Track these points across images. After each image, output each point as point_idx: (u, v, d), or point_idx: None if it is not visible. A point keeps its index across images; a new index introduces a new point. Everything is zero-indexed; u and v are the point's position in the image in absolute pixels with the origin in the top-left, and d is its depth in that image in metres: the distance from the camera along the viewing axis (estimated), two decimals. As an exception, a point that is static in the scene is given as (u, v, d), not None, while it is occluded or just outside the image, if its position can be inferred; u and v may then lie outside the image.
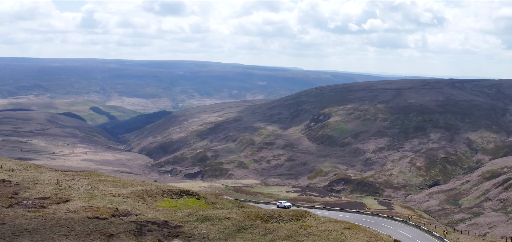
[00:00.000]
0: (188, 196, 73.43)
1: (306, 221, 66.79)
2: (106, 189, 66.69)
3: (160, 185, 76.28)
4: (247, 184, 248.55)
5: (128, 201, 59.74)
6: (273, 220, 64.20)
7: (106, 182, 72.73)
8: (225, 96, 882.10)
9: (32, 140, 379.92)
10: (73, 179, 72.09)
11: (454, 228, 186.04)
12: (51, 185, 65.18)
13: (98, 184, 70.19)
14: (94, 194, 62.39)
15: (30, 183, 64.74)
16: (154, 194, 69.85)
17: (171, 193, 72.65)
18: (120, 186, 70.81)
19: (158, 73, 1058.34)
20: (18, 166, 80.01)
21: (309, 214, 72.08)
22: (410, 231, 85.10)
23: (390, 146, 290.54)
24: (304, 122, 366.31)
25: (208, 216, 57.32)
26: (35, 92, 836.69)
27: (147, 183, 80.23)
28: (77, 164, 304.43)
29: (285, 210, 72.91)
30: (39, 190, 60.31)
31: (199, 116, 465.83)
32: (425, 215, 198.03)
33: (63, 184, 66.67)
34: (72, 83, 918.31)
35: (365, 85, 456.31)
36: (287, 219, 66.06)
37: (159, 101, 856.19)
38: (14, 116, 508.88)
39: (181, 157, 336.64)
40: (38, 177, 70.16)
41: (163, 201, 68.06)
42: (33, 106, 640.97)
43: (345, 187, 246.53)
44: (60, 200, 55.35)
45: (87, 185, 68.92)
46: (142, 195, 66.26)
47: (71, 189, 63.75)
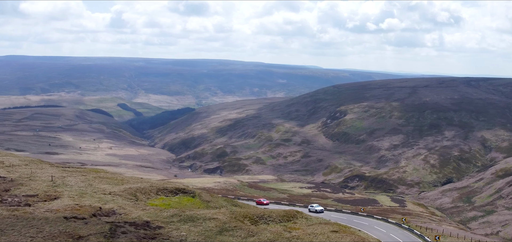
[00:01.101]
0: (183, 194, 69.83)
1: (297, 223, 63.18)
2: (99, 187, 63.79)
3: (155, 183, 72.86)
4: (263, 179, 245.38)
5: (117, 200, 56.65)
6: (262, 221, 60.94)
7: (102, 179, 69.84)
8: (247, 93, 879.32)
9: (60, 135, 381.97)
10: (70, 175, 69.48)
11: (467, 226, 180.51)
12: (46, 182, 62.53)
13: (93, 181, 67.29)
14: (85, 191, 59.50)
15: (25, 180, 62.19)
16: (149, 192, 66.51)
17: (166, 191, 69.09)
18: (115, 184, 67.74)
19: (183, 71, 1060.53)
20: (20, 162, 77.70)
21: (302, 215, 68.36)
22: (402, 235, 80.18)
23: (405, 144, 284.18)
24: (321, 119, 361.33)
25: (193, 216, 54.23)
26: (66, 89, 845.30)
27: (144, 180, 76.87)
28: (101, 158, 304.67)
29: (276, 211, 68.59)
30: (31, 187, 57.75)
31: (220, 113, 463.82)
32: (438, 213, 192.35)
33: (58, 181, 64.00)
34: (101, 81, 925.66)
35: (381, 83, 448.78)
36: (278, 220, 62.65)
37: (183, 98, 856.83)
38: (45, 112, 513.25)
39: (201, 152, 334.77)
40: (36, 173, 67.70)
41: (157, 199, 64.66)
42: (63, 103, 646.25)
43: (359, 184, 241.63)
44: (48, 198, 52.79)
45: (82, 182, 66.13)
46: (135, 193, 63.04)
47: (64, 186, 60.99)
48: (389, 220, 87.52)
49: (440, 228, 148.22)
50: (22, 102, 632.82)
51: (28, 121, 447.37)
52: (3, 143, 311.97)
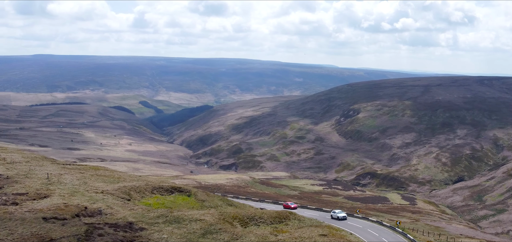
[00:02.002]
0: (179, 193, 66.81)
1: (288, 224, 59.92)
2: (93, 185, 61.19)
3: (151, 181, 69.67)
4: (277, 176, 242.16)
5: (107, 199, 54.06)
6: (252, 223, 57.85)
7: (99, 177, 67.24)
8: (264, 91, 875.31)
9: (83, 132, 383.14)
10: (68, 173, 67.11)
11: (477, 224, 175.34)
12: (41, 180, 60.14)
13: (89, 179, 64.66)
14: (77, 190, 56.94)
15: (22, 177, 60.01)
16: (144, 190, 63.66)
17: (161, 190, 66.39)
18: (111, 182, 65.01)
19: (202, 70, 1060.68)
20: (22, 159, 75.67)
21: (294, 216, 65.04)
22: (394, 238, 75.73)
23: (417, 142, 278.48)
24: (335, 117, 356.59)
25: (180, 217, 51.64)
26: (91, 87, 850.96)
27: (141, 178, 73.80)
28: (121, 154, 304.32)
29: (268, 212, 64.66)
30: (25, 185, 55.50)
31: (236, 111, 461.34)
32: (448, 211, 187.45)
33: (54, 178, 61.65)
34: (124, 79, 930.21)
35: (395, 82, 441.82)
36: (269, 222, 59.41)
37: (203, 96, 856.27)
38: (70, 109, 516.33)
39: (217, 149, 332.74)
40: (34, 171, 65.47)
41: (152, 198, 61.89)
42: (87, 100, 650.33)
43: (371, 181, 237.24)
44: (37, 196, 50.65)
45: (77, 179, 63.70)
46: (129, 192, 60.27)
47: (58, 184, 58.53)
48: (383, 223, 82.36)
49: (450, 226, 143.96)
50: (49, 100, 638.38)
51: (53, 118, 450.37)
52: (27, 139, 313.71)
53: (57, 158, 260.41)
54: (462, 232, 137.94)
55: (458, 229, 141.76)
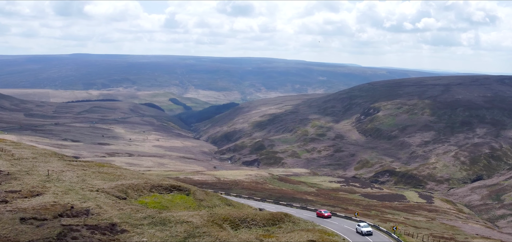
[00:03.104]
0: (178, 191, 63.27)
1: (282, 227, 56.05)
2: (91, 183, 58.33)
3: (152, 179, 66.01)
4: (296, 173, 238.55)
5: (100, 198, 51.59)
6: (244, 225, 54.03)
7: (100, 175, 64.29)
8: (289, 90, 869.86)
9: (114, 127, 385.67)
10: (70, 170, 64.50)
11: (495, 224, 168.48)
12: (41, 176, 57.54)
13: (88, 177, 61.56)
14: (73, 188, 54.24)
15: (22, 174, 57.88)
16: (142, 188, 60.65)
17: (160, 188, 63.46)
18: (110, 180, 61.89)
19: (230, 69, 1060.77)
20: (31, 154, 73.42)
21: (289, 218, 60.91)
22: None
23: (436, 140, 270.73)
24: (355, 115, 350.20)
25: (166, 219, 48.74)
26: (124, 85, 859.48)
27: (142, 176, 70.25)
28: (148, 149, 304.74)
29: (261, 214, 60.36)
30: (23, 182, 53.12)
31: (260, 108, 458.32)
32: (466, 210, 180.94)
33: (53, 175, 59.08)
34: (155, 77, 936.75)
35: (415, 81, 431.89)
36: (261, 224, 55.48)
37: (229, 94, 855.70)
38: (103, 106, 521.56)
39: (241, 145, 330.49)
40: (37, 167, 63.11)
41: (149, 197, 59.12)
42: (120, 97, 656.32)
43: (389, 179, 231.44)
44: (29, 194, 48.34)
45: (77, 177, 61.53)
46: (126, 190, 57.30)
47: (56, 182, 55.90)
48: (380, 227, 76.39)
49: (466, 226, 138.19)
50: (84, 96, 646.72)
51: (87, 114, 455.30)
52: (61, 134, 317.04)
53: (88, 153, 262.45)
54: (478, 232, 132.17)
55: (474, 229, 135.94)
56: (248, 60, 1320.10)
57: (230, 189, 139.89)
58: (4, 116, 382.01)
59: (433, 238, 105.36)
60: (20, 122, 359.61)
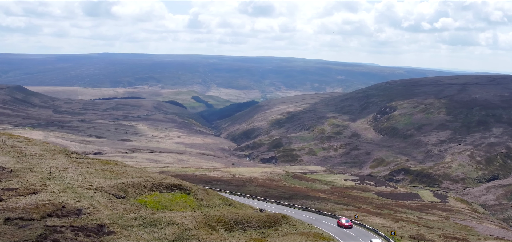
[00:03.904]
0: (179, 190, 61.75)
1: (278, 230, 53.11)
2: (91, 181, 56.46)
3: (153, 178, 63.36)
4: (312, 170, 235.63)
5: (96, 196, 50.22)
6: (239, 227, 51.24)
7: (102, 172, 62.31)
8: (308, 88, 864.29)
9: (137, 124, 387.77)
10: (74, 167, 62.85)
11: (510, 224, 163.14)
12: (43, 174, 56.05)
13: (90, 174, 59.61)
14: (72, 186, 53.17)
15: (26, 171, 57.11)
16: (142, 187, 59.11)
17: (161, 187, 61.55)
18: (112, 178, 59.78)
19: (251, 67, 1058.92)
20: (41, 151, 72.09)
21: (287, 220, 57.75)
22: None
23: (451, 139, 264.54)
24: (372, 114, 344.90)
25: (158, 220, 46.53)
26: (149, 83, 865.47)
27: (145, 174, 67.52)
28: (169, 146, 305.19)
29: (257, 215, 57.11)
30: (23, 179, 51.74)
31: (279, 106, 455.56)
32: (481, 209, 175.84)
33: (56, 173, 57.71)
34: (179, 76, 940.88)
35: (432, 80, 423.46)
36: (257, 226, 52.52)
37: (250, 92, 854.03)
38: (128, 103, 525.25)
39: (259, 142, 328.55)
40: (42, 164, 61.61)
41: (149, 195, 57.38)
42: (144, 95, 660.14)
43: (405, 177, 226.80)
44: (26, 192, 47.15)
45: (79, 174, 60.29)
46: (125, 189, 55.94)
47: (56, 179, 54.32)
48: (379, 232, 71.32)
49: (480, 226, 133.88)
50: (111, 94, 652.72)
51: (112, 111, 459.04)
52: (86, 130, 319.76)
53: (111, 149, 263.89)
54: (492, 232, 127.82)
55: (488, 229, 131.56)
56: (268, 59, 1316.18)
57: (244, 186, 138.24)
58: (33, 113, 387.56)
59: (444, 238, 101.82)
60: (49, 118, 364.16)
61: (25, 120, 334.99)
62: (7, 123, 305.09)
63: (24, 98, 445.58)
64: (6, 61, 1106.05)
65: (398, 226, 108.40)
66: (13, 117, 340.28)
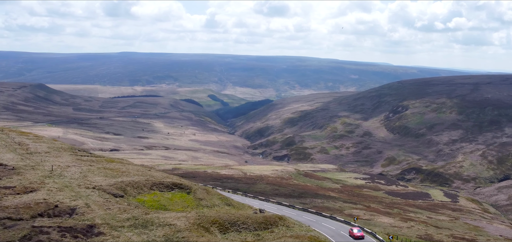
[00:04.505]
0: (179, 190, 60.32)
1: (274, 231, 50.66)
2: (91, 179, 55.01)
3: (154, 177, 61.37)
4: (324, 169, 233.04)
5: (93, 195, 48.98)
6: (233, 229, 49.15)
7: (104, 170, 60.87)
8: (322, 87, 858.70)
9: (154, 122, 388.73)
10: (76, 165, 61.51)
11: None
12: (44, 172, 54.74)
13: (91, 173, 58.00)
14: (69, 185, 52.16)
15: (27, 169, 56.22)
16: (142, 186, 57.69)
17: (161, 186, 59.95)
18: (112, 176, 58.37)
19: (266, 67, 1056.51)
20: (47, 148, 71.19)
21: (284, 222, 55.23)
22: None
23: (463, 139, 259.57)
24: (384, 113, 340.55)
25: (150, 221, 44.97)
26: (166, 82, 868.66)
27: (146, 173, 65.48)
28: (184, 143, 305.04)
29: (253, 217, 54.37)
30: (23, 177, 50.54)
31: (293, 105, 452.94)
32: (492, 209, 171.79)
33: (57, 171, 56.60)
34: (196, 74, 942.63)
35: (444, 80, 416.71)
36: (252, 228, 50.27)
37: (265, 91, 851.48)
38: (145, 101, 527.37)
39: (272, 140, 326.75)
40: (45, 162, 60.45)
41: (149, 194, 55.86)
42: (161, 93, 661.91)
43: (416, 177, 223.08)
44: (22, 191, 46.19)
45: (80, 172, 59.19)
46: (124, 188, 54.65)
47: (55, 178, 53.02)
48: (377, 235, 67.41)
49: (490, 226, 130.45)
50: (130, 92, 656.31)
51: (130, 109, 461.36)
52: (104, 127, 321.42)
53: (127, 146, 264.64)
54: (503, 232, 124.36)
55: (499, 230, 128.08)
56: (283, 59, 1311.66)
57: (254, 184, 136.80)
58: (54, 110, 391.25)
59: (453, 239, 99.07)
60: (68, 115, 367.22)
61: (46, 117, 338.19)
62: (29, 120, 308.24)
63: (45, 96, 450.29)
64: (30, 60, 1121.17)
65: (407, 226, 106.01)
66: (35, 114, 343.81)
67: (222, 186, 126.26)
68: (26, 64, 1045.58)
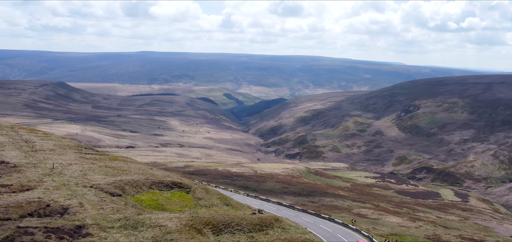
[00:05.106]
0: (179, 189, 58.87)
1: (269, 233, 48.51)
2: (91, 177, 53.70)
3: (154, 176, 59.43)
4: (335, 167, 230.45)
5: (89, 195, 47.68)
6: (227, 230, 46.99)
7: (105, 169, 59.60)
8: (335, 86, 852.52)
9: (169, 119, 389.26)
10: (80, 163, 60.06)
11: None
12: (45, 170, 53.79)
13: (92, 171, 56.87)
14: (67, 183, 51.20)
15: (29, 167, 55.33)
16: (141, 185, 56.28)
17: (161, 185, 58.48)
18: (112, 175, 57.85)
19: (280, 66, 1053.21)
20: (54, 146, 69.99)
21: (280, 223, 52.89)
22: None
23: (475, 138, 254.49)
24: (395, 112, 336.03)
25: (141, 222, 43.32)
26: (183, 80, 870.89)
27: (146, 172, 63.41)
28: (198, 141, 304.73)
29: (248, 218, 51.93)
30: (23, 175, 49.46)
31: (306, 104, 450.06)
32: (503, 210, 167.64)
33: (58, 169, 55.79)
34: (212, 73, 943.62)
35: (457, 79, 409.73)
36: (246, 230, 48.08)
37: (279, 90, 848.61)
38: (162, 99, 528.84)
39: (285, 139, 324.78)
40: (48, 159, 59.38)
41: (148, 193, 54.50)
42: (178, 91, 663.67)
43: (427, 176, 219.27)
44: (19, 189, 45.20)
45: (80, 171, 58.02)
46: (123, 187, 53.37)
47: (55, 176, 52.01)
48: (373, 239, 64.85)
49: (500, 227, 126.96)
50: (147, 91, 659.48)
51: (147, 107, 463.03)
52: (122, 125, 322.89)
53: (143, 143, 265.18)
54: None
55: (509, 230, 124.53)
56: (297, 58, 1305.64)
57: (264, 182, 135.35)
58: (74, 108, 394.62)
59: (461, 239, 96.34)
60: (87, 113, 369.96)
61: (65, 114, 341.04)
62: (49, 117, 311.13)
63: (66, 94, 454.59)
64: (53, 58, 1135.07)
65: (415, 226, 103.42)
66: (55, 112, 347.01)
67: (232, 184, 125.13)
68: (49, 63, 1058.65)
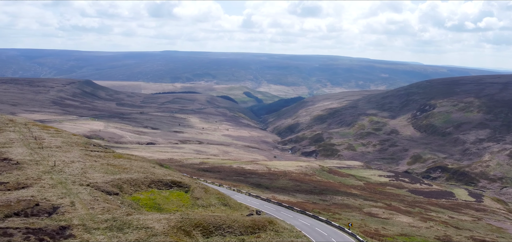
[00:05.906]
0: (178, 188, 57.22)
1: (261, 236, 45.93)
2: (90, 175, 52.25)
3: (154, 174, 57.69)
4: (350, 165, 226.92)
5: (83, 194, 46.22)
6: (218, 232, 44.52)
7: (106, 166, 58.43)
8: (352, 86, 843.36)
9: (190, 117, 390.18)
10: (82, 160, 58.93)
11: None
12: (46, 167, 53.53)
13: (93, 169, 56.71)
14: (65, 181, 50.02)
15: (31, 164, 54.36)
16: (140, 184, 54.76)
17: (160, 184, 56.82)
18: (112, 173, 56.76)
19: (299, 65, 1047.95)
20: (61, 144, 68.92)
21: (274, 226, 49.88)
22: None
23: (491, 138, 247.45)
24: (411, 111, 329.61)
25: (128, 223, 41.38)
26: (205, 79, 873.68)
27: (147, 170, 61.72)
28: (217, 138, 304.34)
29: (241, 220, 49.24)
30: (23, 173, 48.37)
31: (323, 103, 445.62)
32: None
33: (59, 166, 55.08)
34: (232, 72, 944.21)
35: (473, 79, 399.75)
36: (238, 232, 45.55)
37: (298, 88, 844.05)
38: (184, 97, 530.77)
39: (302, 137, 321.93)
40: (51, 157, 58.20)
41: (146, 192, 52.93)
42: (199, 89, 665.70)
43: (441, 175, 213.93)
44: (14, 187, 44.23)
45: (81, 169, 56.71)
46: (121, 185, 51.90)
47: (54, 174, 51.55)
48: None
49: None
50: (170, 89, 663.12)
51: (169, 104, 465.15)
52: (144, 122, 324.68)
53: (163, 139, 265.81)
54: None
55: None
56: (315, 58, 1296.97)
57: (277, 180, 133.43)
58: (98, 105, 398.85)
59: (473, 241, 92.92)
60: (111, 110, 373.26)
61: (90, 111, 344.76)
62: (74, 114, 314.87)
63: (91, 92, 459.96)
64: (82, 58, 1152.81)
65: (426, 226, 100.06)
66: (80, 109, 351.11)
67: (245, 181, 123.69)
68: (78, 62, 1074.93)
